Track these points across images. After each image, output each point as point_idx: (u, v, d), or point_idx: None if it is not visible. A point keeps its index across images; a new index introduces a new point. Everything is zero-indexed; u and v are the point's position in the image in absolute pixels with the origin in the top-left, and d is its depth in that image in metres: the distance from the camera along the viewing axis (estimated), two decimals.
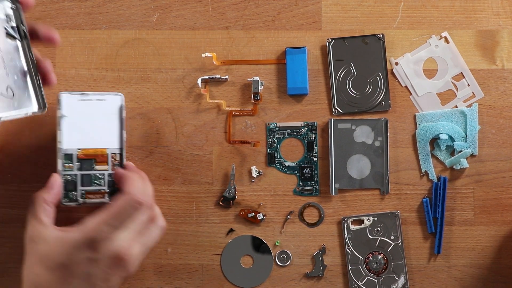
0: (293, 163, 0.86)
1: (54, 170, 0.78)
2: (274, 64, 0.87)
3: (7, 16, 0.68)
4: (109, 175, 0.80)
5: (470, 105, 0.86)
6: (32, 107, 0.71)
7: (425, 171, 0.86)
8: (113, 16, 0.87)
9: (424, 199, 0.85)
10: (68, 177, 0.78)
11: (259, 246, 0.86)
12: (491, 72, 0.86)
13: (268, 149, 0.86)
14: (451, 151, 0.86)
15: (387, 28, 0.87)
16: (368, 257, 0.85)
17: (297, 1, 0.87)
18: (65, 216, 0.85)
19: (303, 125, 0.86)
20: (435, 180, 0.85)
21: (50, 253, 0.69)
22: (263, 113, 0.87)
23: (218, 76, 0.85)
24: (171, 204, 0.86)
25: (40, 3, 0.87)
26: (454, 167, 0.85)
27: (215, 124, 0.86)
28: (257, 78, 0.85)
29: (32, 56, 0.70)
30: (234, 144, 0.86)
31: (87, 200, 0.79)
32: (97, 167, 0.79)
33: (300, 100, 0.87)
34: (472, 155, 0.86)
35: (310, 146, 0.86)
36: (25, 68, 0.70)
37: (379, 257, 0.85)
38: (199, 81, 0.85)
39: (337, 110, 0.86)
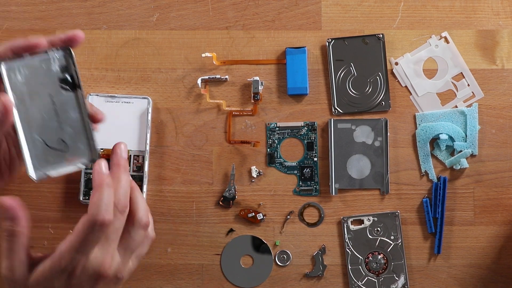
0: (293, 163, 0.86)
1: None
2: (274, 64, 0.87)
3: (61, 66, 0.67)
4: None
5: (470, 105, 0.86)
6: (84, 159, 0.69)
7: (425, 171, 0.86)
8: (113, 16, 0.87)
9: (424, 199, 0.85)
10: (91, 176, 0.84)
11: (259, 246, 0.86)
12: (491, 72, 0.86)
13: (268, 149, 0.86)
14: (451, 151, 0.86)
15: (387, 28, 0.87)
16: (368, 257, 0.85)
17: (297, 1, 0.87)
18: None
19: (303, 125, 0.86)
20: (435, 180, 0.85)
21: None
22: (263, 113, 0.87)
23: (218, 76, 0.85)
24: (171, 204, 0.86)
25: (40, 3, 0.87)
26: (454, 167, 0.85)
27: (215, 124, 0.86)
28: (257, 78, 0.85)
29: (86, 104, 0.68)
30: (234, 144, 0.86)
31: None
32: None
33: (300, 100, 0.87)
34: (472, 155, 0.86)
35: (310, 146, 0.86)
36: (80, 118, 0.68)
37: (379, 257, 0.85)
38: (199, 81, 0.85)
39: (337, 110, 0.86)
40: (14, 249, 0.64)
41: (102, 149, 0.84)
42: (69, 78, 0.67)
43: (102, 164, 0.66)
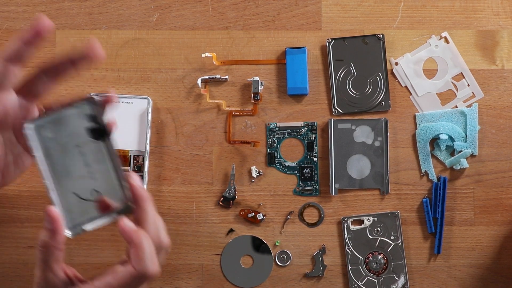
0: (293, 163, 0.86)
1: None
2: (274, 64, 0.87)
3: (87, 118, 0.66)
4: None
5: (470, 105, 0.86)
6: (118, 206, 0.67)
7: (425, 171, 0.86)
8: (113, 16, 0.87)
9: (424, 199, 0.85)
10: None
11: (259, 246, 0.86)
12: (491, 72, 0.86)
13: (268, 149, 0.86)
14: (451, 151, 0.86)
15: (387, 28, 0.87)
16: (368, 257, 0.85)
17: (297, 1, 0.87)
18: None
19: (303, 125, 0.86)
20: (435, 180, 0.85)
21: None
22: (263, 113, 0.87)
23: (218, 76, 0.85)
24: (171, 204, 0.86)
25: (40, 3, 0.87)
26: (454, 167, 0.85)
27: (215, 124, 0.86)
28: (257, 78, 0.85)
29: (115, 151, 0.66)
30: (234, 144, 0.86)
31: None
32: None
33: (300, 100, 0.87)
34: (472, 155, 0.86)
35: (310, 146, 0.86)
36: (112, 167, 0.66)
37: (379, 257, 0.85)
38: (199, 81, 0.85)
39: (337, 110, 0.86)
40: (47, 262, 0.63)
41: None
42: (96, 128, 0.66)
43: (127, 222, 0.64)
